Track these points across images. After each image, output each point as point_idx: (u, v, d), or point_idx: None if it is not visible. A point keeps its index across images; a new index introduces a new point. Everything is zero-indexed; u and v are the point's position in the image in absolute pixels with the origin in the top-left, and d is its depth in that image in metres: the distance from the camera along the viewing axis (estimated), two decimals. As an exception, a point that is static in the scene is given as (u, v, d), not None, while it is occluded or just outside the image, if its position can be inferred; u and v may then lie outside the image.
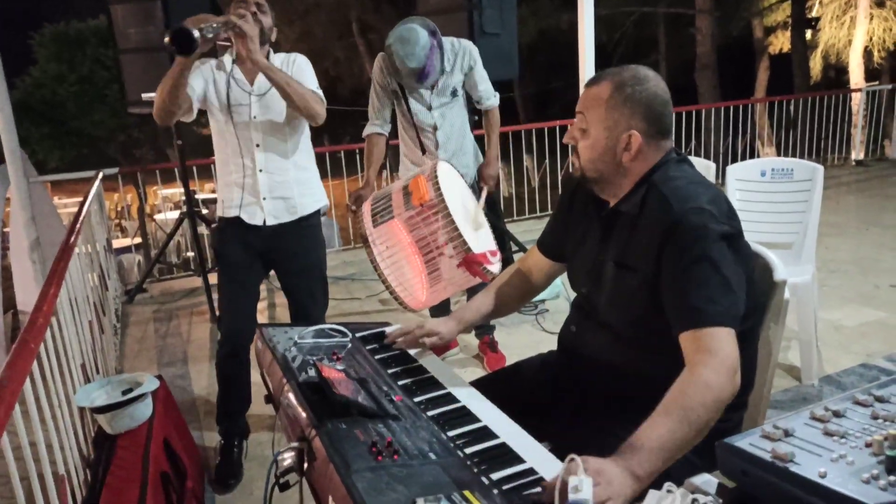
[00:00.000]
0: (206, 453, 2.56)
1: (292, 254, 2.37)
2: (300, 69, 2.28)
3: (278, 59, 2.28)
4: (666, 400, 1.11)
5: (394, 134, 3.02)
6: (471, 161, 3.01)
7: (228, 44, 2.24)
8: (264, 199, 2.27)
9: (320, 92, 2.28)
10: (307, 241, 2.39)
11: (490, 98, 2.98)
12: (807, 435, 0.92)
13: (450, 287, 2.20)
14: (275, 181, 2.28)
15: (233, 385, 2.42)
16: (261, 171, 2.25)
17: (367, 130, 2.94)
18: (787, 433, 0.93)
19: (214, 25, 1.91)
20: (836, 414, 0.97)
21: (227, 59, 2.27)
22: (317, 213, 2.41)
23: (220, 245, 2.38)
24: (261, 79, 2.22)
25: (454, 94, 2.88)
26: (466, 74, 2.89)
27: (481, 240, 2.15)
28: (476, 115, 3.26)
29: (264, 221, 2.29)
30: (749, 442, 0.91)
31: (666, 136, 1.35)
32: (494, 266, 2.05)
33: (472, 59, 2.87)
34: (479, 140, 3.08)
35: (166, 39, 1.83)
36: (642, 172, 1.34)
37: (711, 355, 1.15)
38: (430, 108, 2.87)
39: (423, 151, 2.94)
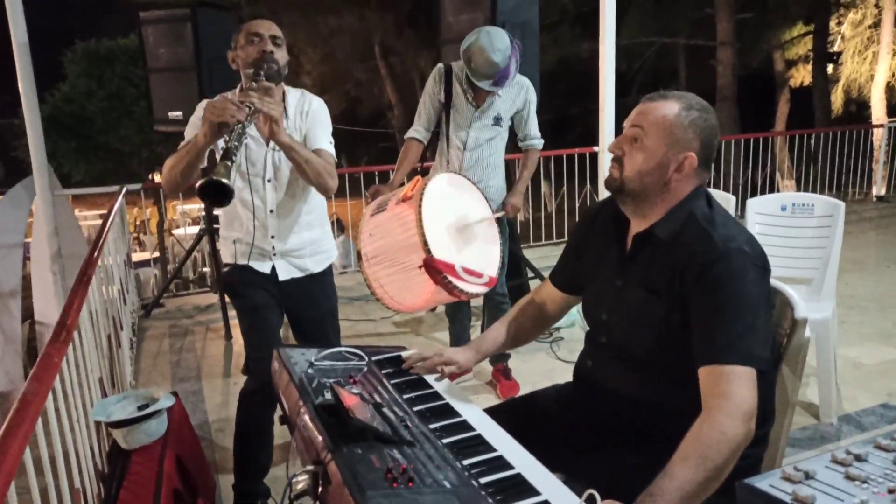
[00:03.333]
0: (216, 470, 2.57)
1: (304, 306, 2.27)
2: (315, 119, 2.14)
3: (293, 97, 2.14)
4: (683, 447, 1.11)
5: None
6: (495, 194, 2.94)
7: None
8: (274, 255, 2.17)
9: (332, 148, 2.14)
10: (320, 293, 2.28)
11: (533, 140, 3.00)
12: (828, 478, 0.92)
13: (424, 297, 2.06)
14: (286, 244, 2.18)
15: (257, 430, 2.20)
16: (273, 236, 2.15)
17: (407, 134, 2.98)
18: (808, 475, 0.92)
19: (240, 128, 1.76)
20: (858, 458, 0.96)
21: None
22: (329, 268, 2.31)
23: (234, 288, 2.23)
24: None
25: (497, 121, 2.88)
26: (518, 111, 2.92)
27: (470, 255, 2.02)
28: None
29: (273, 270, 2.18)
30: (769, 483, 0.91)
31: (708, 168, 1.39)
32: (468, 286, 1.93)
33: (527, 96, 2.91)
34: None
35: (197, 189, 1.68)
36: (679, 198, 1.36)
37: (727, 400, 1.14)
38: (469, 126, 2.87)
39: (447, 165, 2.94)
